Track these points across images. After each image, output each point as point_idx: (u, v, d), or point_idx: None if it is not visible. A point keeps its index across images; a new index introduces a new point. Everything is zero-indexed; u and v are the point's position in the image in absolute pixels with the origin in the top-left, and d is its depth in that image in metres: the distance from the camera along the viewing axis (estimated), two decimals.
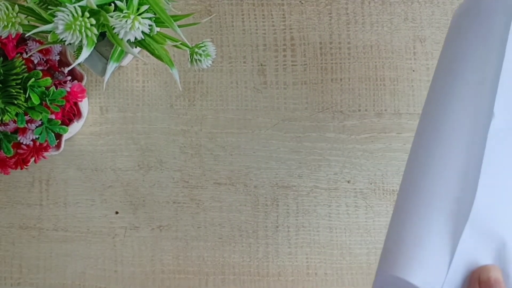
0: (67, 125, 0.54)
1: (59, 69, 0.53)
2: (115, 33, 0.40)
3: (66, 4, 0.38)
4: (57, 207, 0.60)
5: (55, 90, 0.50)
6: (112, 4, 0.41)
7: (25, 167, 0.53)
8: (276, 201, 0.60)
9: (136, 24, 0.39)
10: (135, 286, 0.60)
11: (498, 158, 0.36)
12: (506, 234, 0.34)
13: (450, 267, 0.33)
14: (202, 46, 0.45)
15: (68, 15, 0.37)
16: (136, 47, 0.48)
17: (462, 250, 0.34)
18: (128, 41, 0.40)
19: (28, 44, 0.52)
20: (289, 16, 0.61)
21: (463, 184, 0.35)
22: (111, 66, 0.45)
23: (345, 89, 0.60)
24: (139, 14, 0.40)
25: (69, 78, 0.53)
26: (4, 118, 0.47)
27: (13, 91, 0.47)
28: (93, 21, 0.38)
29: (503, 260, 0.34)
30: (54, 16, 0.38)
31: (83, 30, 0.38)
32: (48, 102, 0.49)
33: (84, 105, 0.56)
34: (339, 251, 0.60)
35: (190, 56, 0.45)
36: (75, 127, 0.57)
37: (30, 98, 0.48)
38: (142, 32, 0.40)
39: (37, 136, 0.51)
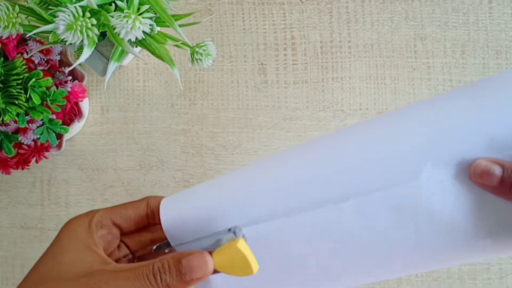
0: (68, 125, 0.54)
1: (60, 69, 0.53)
2: (116, 33, 0.40)
3: (67, 4, 0.38)
4: (58, 207, 0.60)
5: (56, 90, 0.50)
6: (113, 4, 0.41)
7: (26, 167, 0.53)
8: None
9: (137, 23, 0.39)
10: None
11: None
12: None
13: None
14: (203, 46, 0.45)
15: (69, 15, 0.37)
16: (136, 47, 0.48)
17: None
18: (129, 40, 0.40)
19: (29, 44, 0.52)
20: (290, 15, 0.61)
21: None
22: (112, 66, 0.45)
23: (346, 88, 0.60)
24: (140, 14, 0.40)
25: (70, 78, 0.53)
26: (5, 118, 0.47)
27: (14, 91, 0.47)
28: (94, 21, 0.38)
29: None
30: (55, 17, 0.38)
31: (84, 30, 0.38)
32: (49, 102, 0.49)
33: (85, 105, 0.56)
34: None
35: (191, 56, 0.45)
36: (76, 127, 0.57)
37: (31, 98, 0.48)
38: (143, 31, 0.40)
39: (38, 136, 0.51)
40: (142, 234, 0.41)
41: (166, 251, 0.39)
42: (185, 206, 0.38)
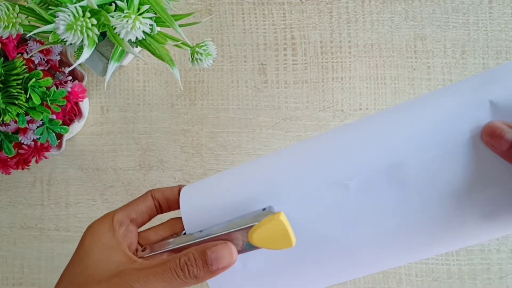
0: (68, 125, 0.54)
1: (60, 69, 0.53)
2: (116, 33, 0.40)
3: (67, 4, 0.38)
4: (58, 207, 0.60)
5: (56, 90, 0.50)
6: (113, 4, 0.41)
7: (26, 167, 0.53)
8: None
9: (137, 24, 0.39)
10: None
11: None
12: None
13: None
14: (203, 46, 0.45)
15: (69, 15, 0.37)
16: (137, 47, 0.48)
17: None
18: (129, 41, 0.40)
19: (29, 45, 0.51)
20: (290, 15, 0.61)
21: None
22: (112, 66, 0.45)
23: (346, 88, 0.60)
24: (140, 14, 0.40)
25: (70, 78, 0.53)
26: (5, 118, 0.47)
27: (14, 91, 0.47)
28: (94, 21, 0.38)
29: None
30: (55, 17, 0.38)
31: (84, 31, 0.38)
32: (49, 102, 0.49)
33: (85, 105, 0.56)
34: None
35: (191, 56, 0.45)
36: (76, 127, 0.57)
37: (31, 98, 0.48)
38: (143, 31, 0.40)
39: (38, 136, 0.51)
40: (158, 233, 0.42)
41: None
42: (207, 193, 0.39)
